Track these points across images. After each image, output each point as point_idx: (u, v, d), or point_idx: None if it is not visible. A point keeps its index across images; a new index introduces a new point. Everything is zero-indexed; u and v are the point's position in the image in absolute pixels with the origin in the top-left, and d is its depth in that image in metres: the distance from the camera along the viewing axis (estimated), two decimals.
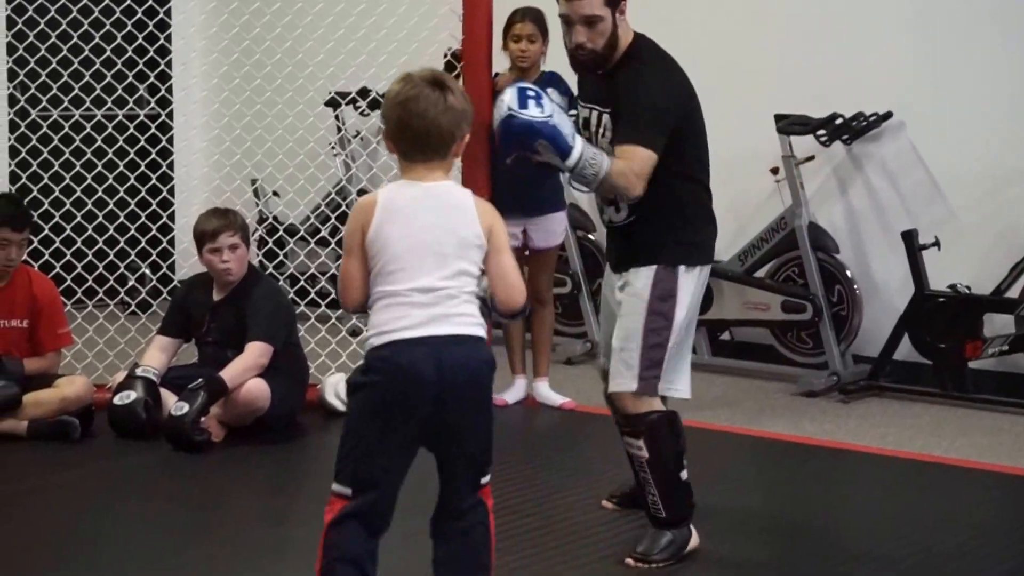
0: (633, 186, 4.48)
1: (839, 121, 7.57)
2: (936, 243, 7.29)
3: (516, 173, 6.61)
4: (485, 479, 3.74)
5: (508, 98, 4.36)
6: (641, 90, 4.59)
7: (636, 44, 4.69)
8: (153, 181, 8.33)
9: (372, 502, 3.65)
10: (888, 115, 7.60)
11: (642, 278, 4.62)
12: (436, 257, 3.64)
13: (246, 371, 6.24)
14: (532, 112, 4.32)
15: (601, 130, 4.70)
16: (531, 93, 4.37)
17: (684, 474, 4.71)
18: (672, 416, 4.71)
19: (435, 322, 3.62)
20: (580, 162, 4.40)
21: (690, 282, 4.65)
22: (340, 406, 6.78)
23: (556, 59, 7.07)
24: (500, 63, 7.00)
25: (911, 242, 7.28)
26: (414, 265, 3.64)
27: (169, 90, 9.11)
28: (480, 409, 3.70)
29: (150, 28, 8.31)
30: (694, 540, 4.74)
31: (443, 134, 3.68)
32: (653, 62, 4.67)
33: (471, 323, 3.66)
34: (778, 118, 7.59)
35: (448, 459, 3.71)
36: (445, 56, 7.20)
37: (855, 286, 7.58)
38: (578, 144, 4.41)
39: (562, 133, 4.36)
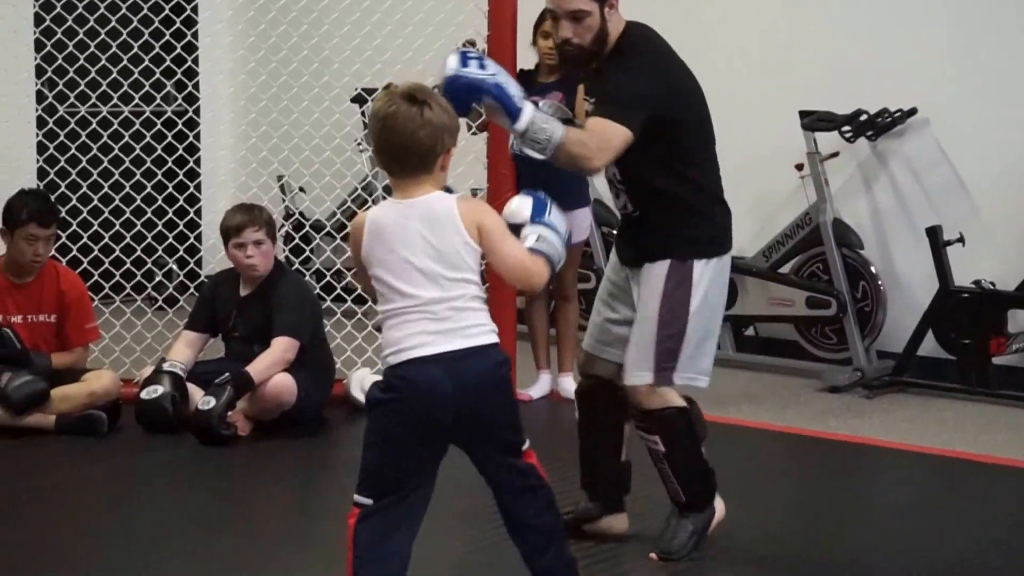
0: (591, 157, 4.35)
1: (864, 117, 7.56)
2: (960, 239, 7.27)
3: (540, 170, 6.64)
4: (524, 447, 3.81)
5: (450, 61, 4.19)
6: (621, 76, 4.46)
7: (626, 36, 4.54)
8: (180, 177, 8.35)
9: (395, 503, 3.71)
10: (913, 111, 7.58)
11: (655, 272, 4.54)
12: (426, 272, 3.68)
13: (272, 366, 6.26)
14: (475, 71, 4.16)
15: None
16: (473, 54, 4.23)
17: (704, 451, 4.65)
18: (686, 409, 4.62)
19: (446, 337, 3.66)
20: (530, 126, 4.25)
21: (706, 274, 4.55)
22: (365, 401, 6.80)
23: None
24: (524, 59, 6.99)
25: (935, 238, 7.26)
26: (407, 283, 3.68)
27: (196, 86, 9.13)
28: (502, 406, 3.76)
29: (177, 24, 8.33)
30: (719, 513, 4.70)
31: (423, 150, 3.70)
32: (639, 52, 4.52)
33: (481, 332, 3.71)
34: (803, 114, 7.59)
35: (480, 453, 3.79)
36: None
37: (879, 282, 7.58)
38: (527, 108, 4.26)
39: (508, 92, 4.21)
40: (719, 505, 4.72)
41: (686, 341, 4.52)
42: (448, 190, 3.80)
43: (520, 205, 3.92)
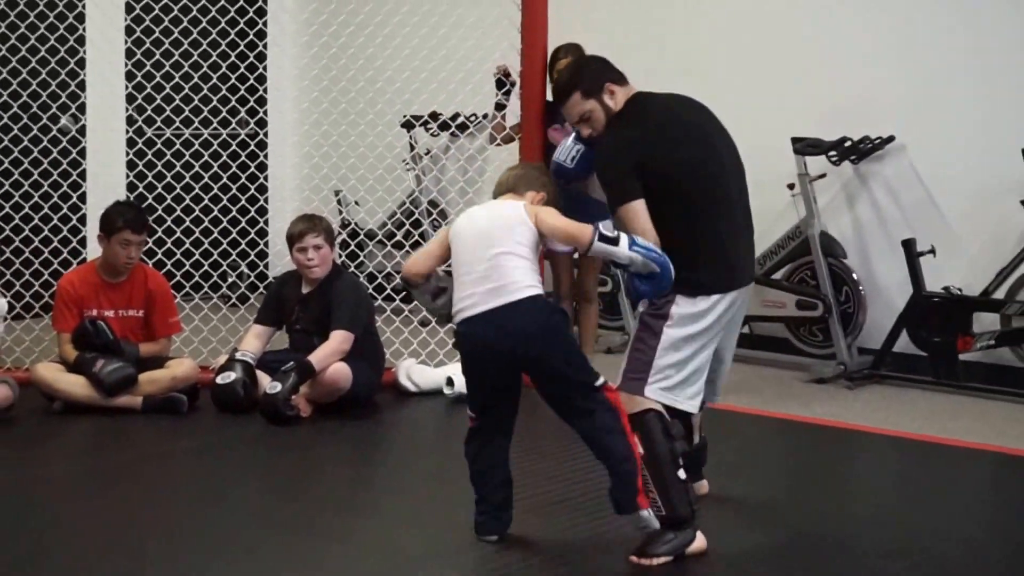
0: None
1: (848, 144, 7.54)
2: (932, 250, 7.25)
3: (565, 187, 6.68)
4: (597, 383, 4.23)
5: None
6: (600, 159, 4.46)
7: (623, 108, 4.47)
8: (251, 191, 8.39)
9: (485, 418, 4.37)
10: (891, 139, 7.56)
11: (644, 300, 4.40)
12: (482, 240, 4.28)
13: (331, 355, 6.28)
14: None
15: None
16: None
17: (681, 473, 4.29)
18: (662, 415, 4.31)
19: (490, 296, 4.19)
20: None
21: (688, 308, 4.31)
22: (411, 387, 6.81)
23: None
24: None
25: (910, 249, 7.25)
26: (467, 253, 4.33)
27: (266, 112, 9.16)
28: (543, 352, 4.19)
29: (250, 59, 8.37)
30: (699, 543, 4.31)
31: (505, 187, 4.54)
32: (614, 125, 4.43)
33: (517, 288, 4.19)
34: (794, 140, 7.58)
35: (542, 393, 4.31)
36: (495, 74, 7.21)
37: (860, 287, 7.55)
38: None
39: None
40: (700, 538, 4.33)
41: (656, 360, 4.30)
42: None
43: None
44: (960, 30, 7.46)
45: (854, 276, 7.59)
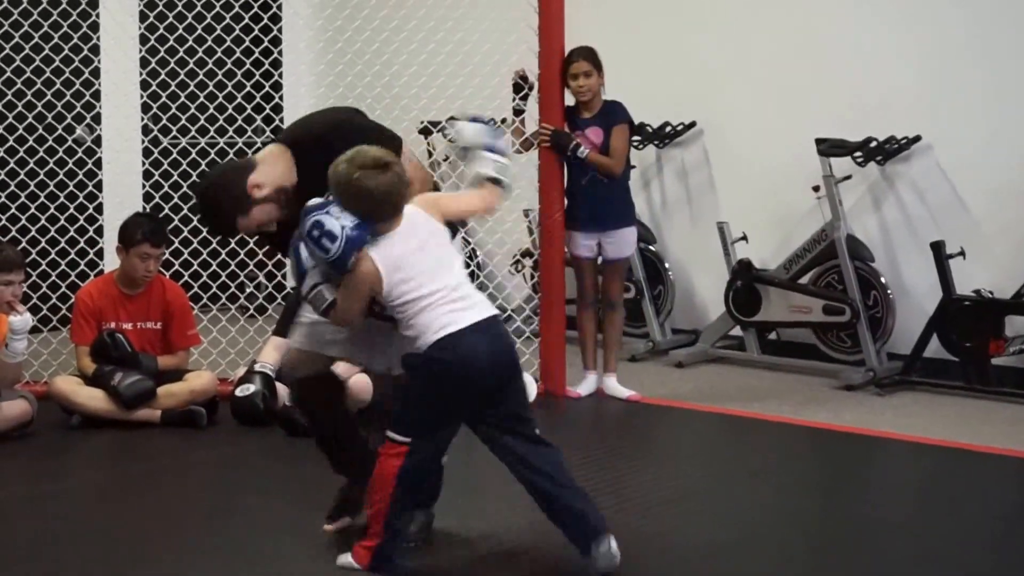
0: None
1: (873, 144, 7.54)
2: (962, 252, 7.24)
3: (591, 191, 6.73)
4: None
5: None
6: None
7: None
8: None
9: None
10: (917, 138, 7.57)
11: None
12: None
13: (350, 368, 6.28)
14: None
15: None
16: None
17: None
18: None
19: None
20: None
21: None
22: None
23: (614, 90, 7.11)
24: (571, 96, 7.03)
25: (939, 251, 7.24)
26: None
27: (282, 120, 9.19)
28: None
29: (266, 66, 8.41)
30: None
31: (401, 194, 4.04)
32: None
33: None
34: (819, 142, 7.57)
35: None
36: (513, 78, 7.22)
37: (888, 291, 7.55)
38: None
39: None
40: None
41: None
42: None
43: (475, 130, 3.89)
44: (986, 27, 7.46)
45: (882, 280, 7.58)
